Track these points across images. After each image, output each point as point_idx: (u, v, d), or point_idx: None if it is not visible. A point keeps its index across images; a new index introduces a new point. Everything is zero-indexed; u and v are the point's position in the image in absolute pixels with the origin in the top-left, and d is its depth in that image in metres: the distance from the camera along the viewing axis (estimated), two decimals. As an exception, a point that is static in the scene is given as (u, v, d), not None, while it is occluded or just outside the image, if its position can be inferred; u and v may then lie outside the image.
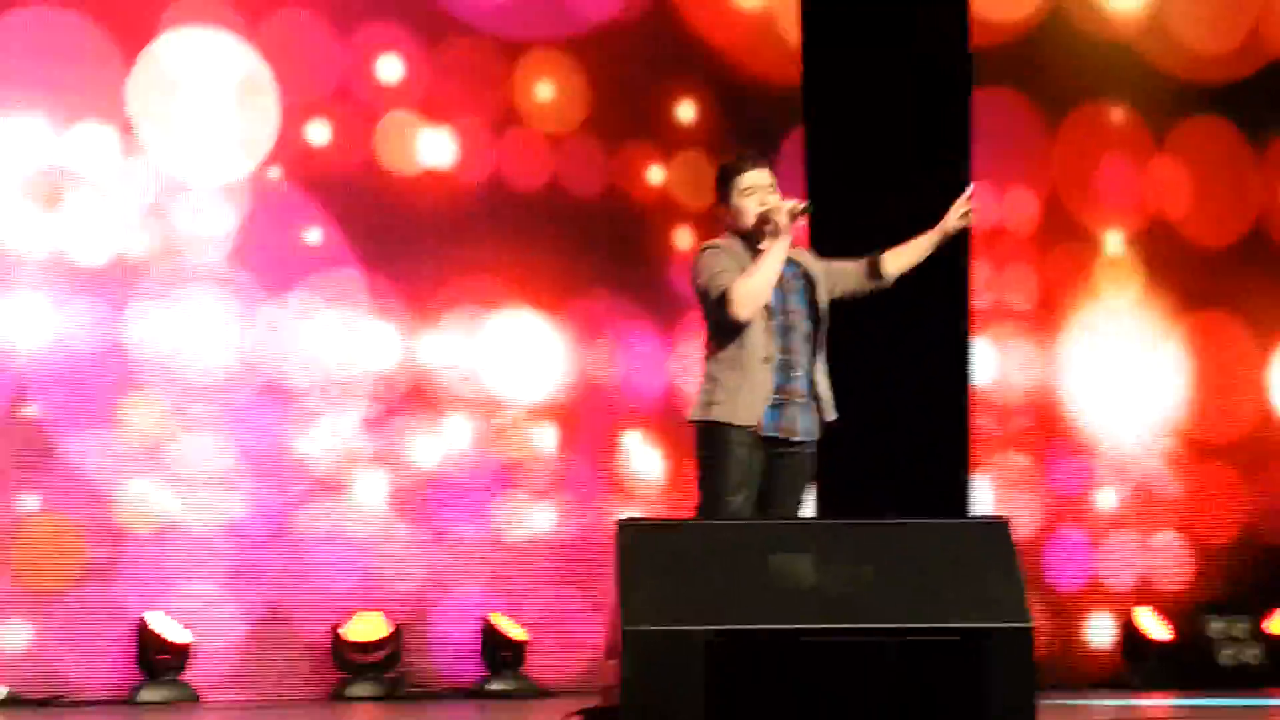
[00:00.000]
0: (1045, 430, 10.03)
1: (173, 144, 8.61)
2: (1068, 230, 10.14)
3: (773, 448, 5.39)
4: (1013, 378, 9.98)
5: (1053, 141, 10.13)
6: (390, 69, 9.02)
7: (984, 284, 9.58)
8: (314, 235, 8.84)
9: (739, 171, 5.58)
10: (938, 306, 9.19)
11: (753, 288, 5.40)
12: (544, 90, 9.28)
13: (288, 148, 8.79)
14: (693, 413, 5.48)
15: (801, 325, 5.50)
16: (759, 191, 5.54)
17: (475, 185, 9.14)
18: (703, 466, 5.41)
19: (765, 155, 5.74)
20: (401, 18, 9.04)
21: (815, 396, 5.49)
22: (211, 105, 8.68)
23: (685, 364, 9.00)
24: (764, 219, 5.50)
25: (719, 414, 5.38)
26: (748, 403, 5.36)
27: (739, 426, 5.35)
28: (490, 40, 9.18)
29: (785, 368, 5.43)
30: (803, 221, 5.63)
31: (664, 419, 9.18)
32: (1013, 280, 10.02)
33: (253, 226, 8.71)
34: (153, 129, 8.57)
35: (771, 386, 5.40)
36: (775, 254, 5.44)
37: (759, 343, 5.41)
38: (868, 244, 6.38)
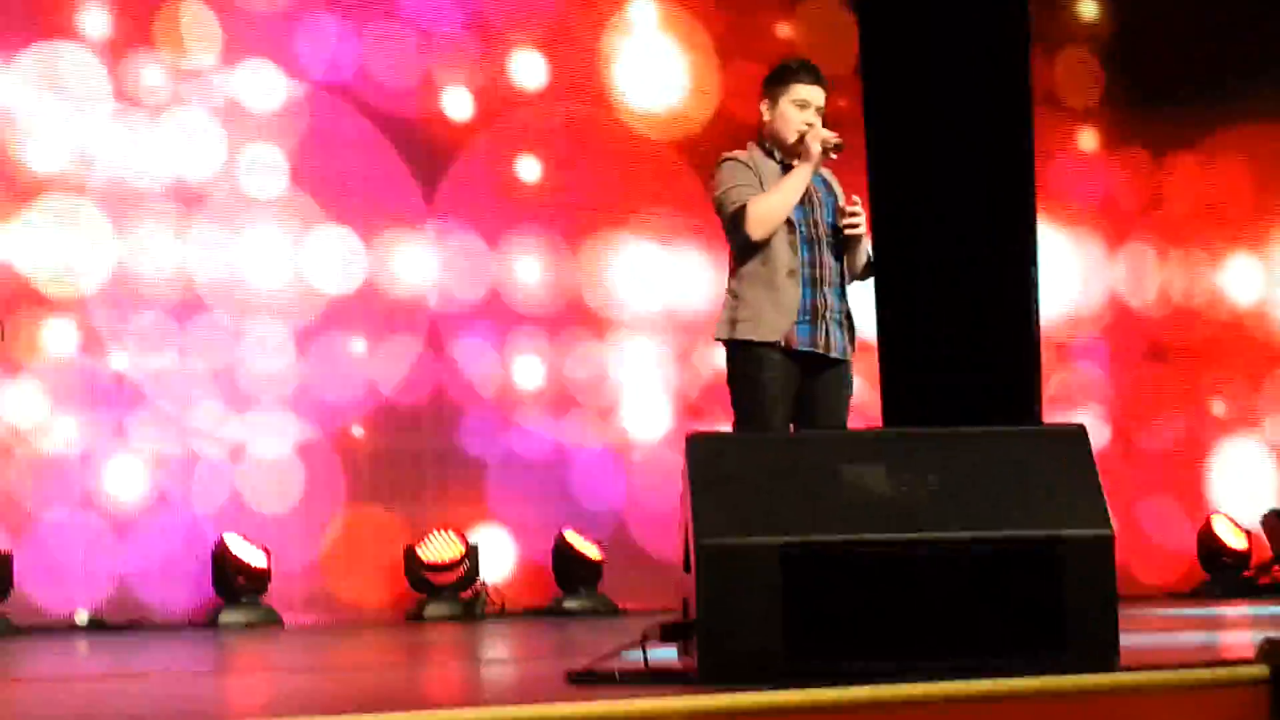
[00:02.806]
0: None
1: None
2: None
3: (808, 364, 5.22)
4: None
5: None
6: None
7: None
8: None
9: (796, 79, 5.33)
10: (1005, 214, 9.16)
11: (770, 207, 5.19)
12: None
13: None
14: (718, 330, 5.29)
15: (828, 239, 5.29)
16: (809, 108, 5.30)
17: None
18: (734, 386, 5.24)
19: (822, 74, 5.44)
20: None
21: (847, 313, 5.33)
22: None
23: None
24: (799, 139, 5.28)
25: (745, 331, 5.20)
26: (772, 319, 5.18)
27: (768, 343, 5.17)
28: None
29: (813, 282, 5.23)
30: (834, 157, 5.37)
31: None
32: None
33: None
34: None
35: (798, 301, 5.21)
36: (798, 179, 5.23)
37: (784, 256, 5.22)
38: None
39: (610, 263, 9.25)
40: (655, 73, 9.44)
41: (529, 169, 9.14)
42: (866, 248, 5.41)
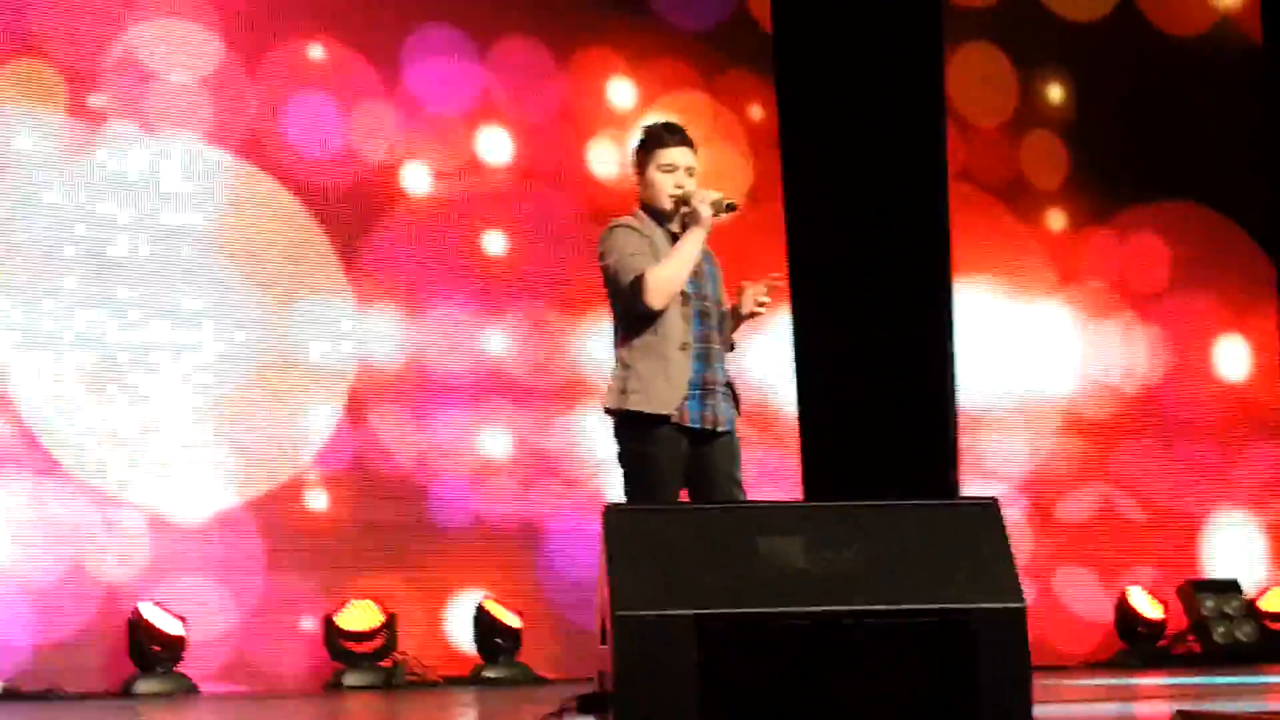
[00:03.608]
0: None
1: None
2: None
3: (697, 438, 5.14)
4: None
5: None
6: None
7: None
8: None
9: (660, 144, 5.21)
10: (920, 284, 9.29)
11: (668, 276, 5.08)
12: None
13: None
14: (607, 400, 5.17)
15: (715, 313, 5.22)
16: (678, 171, 5.19)
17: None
18: (625, 458, 5.14)
19: (687, 135, 5.29)
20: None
21: (729, 384, 5.30)
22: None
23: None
24: (683, 202, 5.18)
25: (636, 403, 5.09)
26: (663, 392, 5.09)
27: (658, 416, 5.08)
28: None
29: (704, 357, 5.16)
30: (725, 217, 5.23)
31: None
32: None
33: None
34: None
35: (689, 375, 5.13)
36: (691, 243, 5.12)
37: (676, 329, 5.12)
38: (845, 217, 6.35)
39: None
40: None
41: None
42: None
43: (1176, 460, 10.31)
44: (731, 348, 5.34)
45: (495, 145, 9.34)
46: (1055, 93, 10.28)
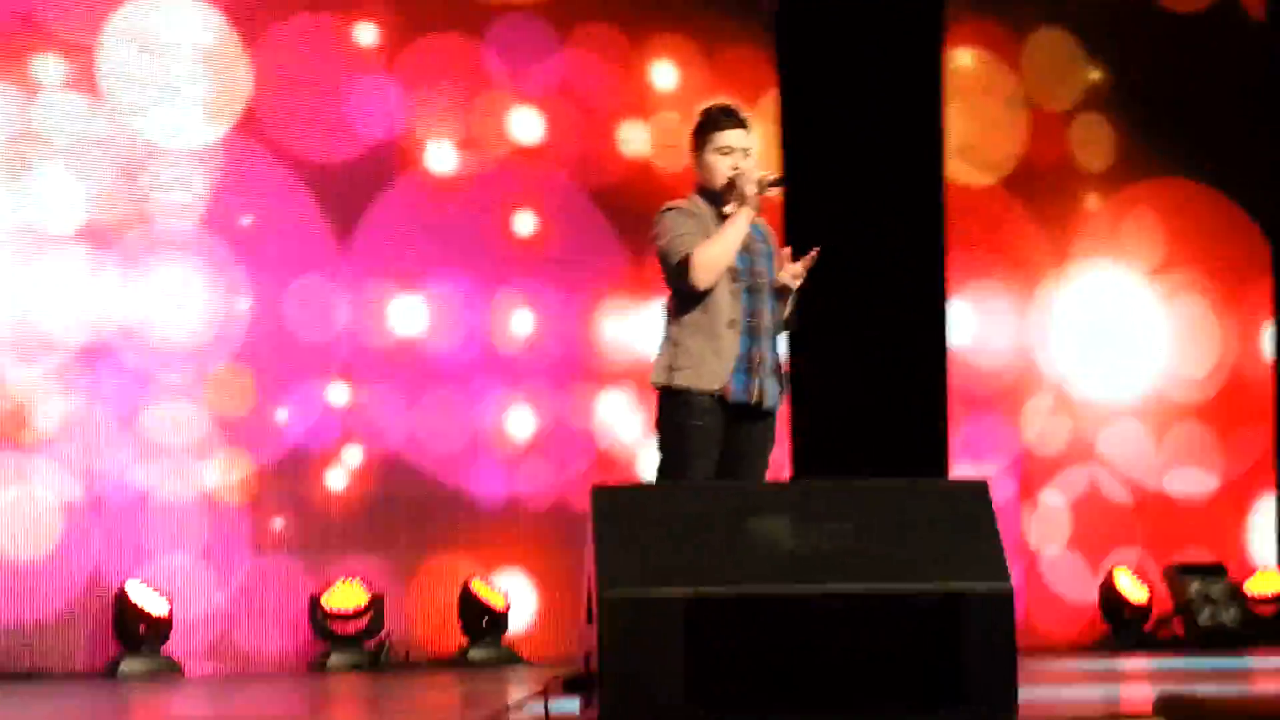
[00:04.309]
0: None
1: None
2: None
3: (739, 414, 5.27)
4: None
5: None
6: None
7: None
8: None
9: (717, 127, 5.36)
10: (914, 265, 9.28)
11: (714, 256, 5.23)
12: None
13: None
14: (655, 376, 5.32)
15: (767, 291, 5.35)
16: (735, 153, 5.35)
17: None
18: (664, 431, 5.28)
19: (744, 115, 5.48)
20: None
21: (778, 364, 5.40)
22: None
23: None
24: (732, 184, 5.33)
25: (682, 379, 5.24)
26: (713, 368, 5.23)
27: (703, 392, 5.22)
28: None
29: (752, 332, 5.30)
30: (773, 193, 5.50)
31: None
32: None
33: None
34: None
35: (738, 351, 5.26)
36: (738, 223, 5.28)
37: (725, 306, 5.27)
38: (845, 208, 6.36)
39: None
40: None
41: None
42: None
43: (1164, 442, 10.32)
44: (788, 325, 5.44)
45: (524, 123, 9.23)
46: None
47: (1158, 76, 10.28)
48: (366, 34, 8.94)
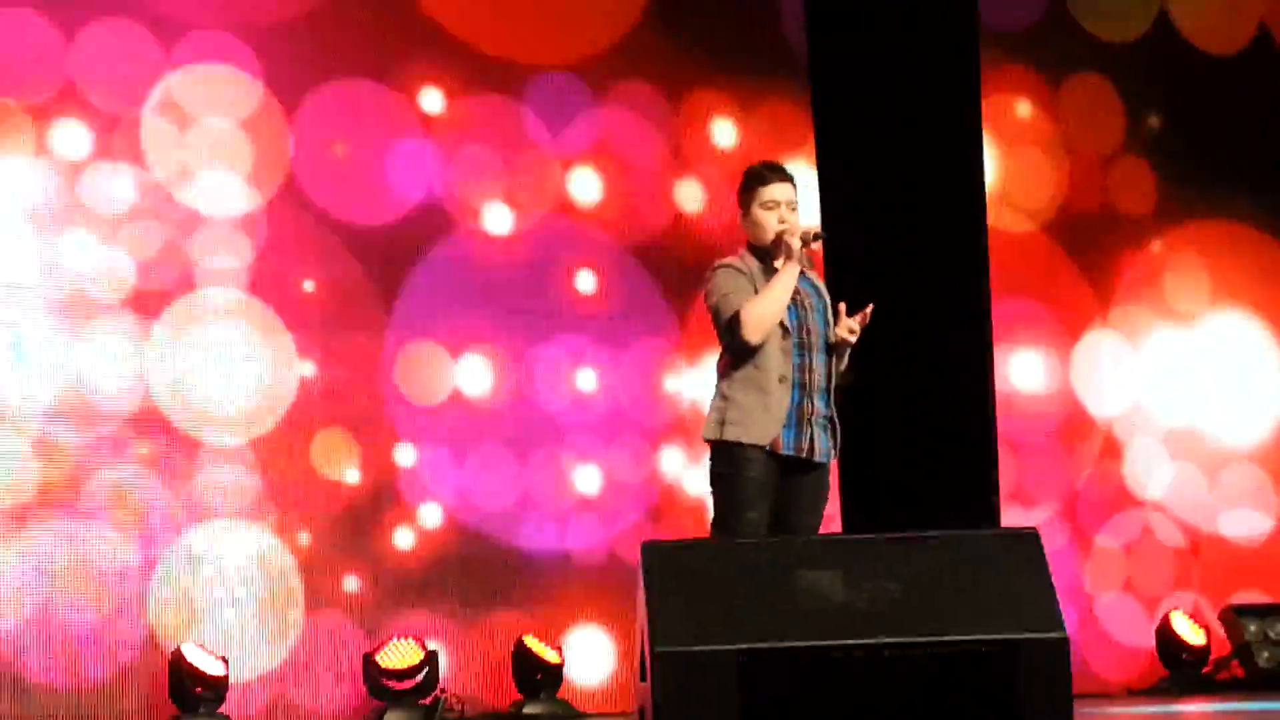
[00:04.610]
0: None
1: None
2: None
3: (790, 468, 5.36)
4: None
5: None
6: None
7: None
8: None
9: (762, 182, 5.48)
10: (959, 312, 9.27)
11: (762, 312, 5.32)
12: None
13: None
14: (706, 430, 5.42)
15: (819, 345, 5.45)
16: (780, 207, 5.45)
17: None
18: (716, 485, 5.37)
19: (788, 170, 5.64)
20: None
21: (831, 417, 5.46)
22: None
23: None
24: (779, 239, 5.43)
25: (733, 434, 5.34)
26: (763, 422, 5.31)
27: (754, 445, 5.31)
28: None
29: (802, 387, 5.38)
30: (816, 246, 5.60)
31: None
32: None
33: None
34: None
35: (788, 406, 5.34)
36: (785, 278, 5.37)
37: (775, 362, 5.36)
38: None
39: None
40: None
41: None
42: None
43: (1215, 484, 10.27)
44: (844, 379, 5.49)
45: (565, 182, 9.30)
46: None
47: (1196, 118, 10.28)
48: (405, 98, 9.03)
